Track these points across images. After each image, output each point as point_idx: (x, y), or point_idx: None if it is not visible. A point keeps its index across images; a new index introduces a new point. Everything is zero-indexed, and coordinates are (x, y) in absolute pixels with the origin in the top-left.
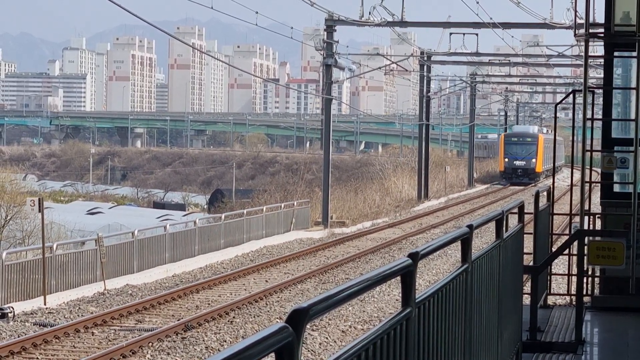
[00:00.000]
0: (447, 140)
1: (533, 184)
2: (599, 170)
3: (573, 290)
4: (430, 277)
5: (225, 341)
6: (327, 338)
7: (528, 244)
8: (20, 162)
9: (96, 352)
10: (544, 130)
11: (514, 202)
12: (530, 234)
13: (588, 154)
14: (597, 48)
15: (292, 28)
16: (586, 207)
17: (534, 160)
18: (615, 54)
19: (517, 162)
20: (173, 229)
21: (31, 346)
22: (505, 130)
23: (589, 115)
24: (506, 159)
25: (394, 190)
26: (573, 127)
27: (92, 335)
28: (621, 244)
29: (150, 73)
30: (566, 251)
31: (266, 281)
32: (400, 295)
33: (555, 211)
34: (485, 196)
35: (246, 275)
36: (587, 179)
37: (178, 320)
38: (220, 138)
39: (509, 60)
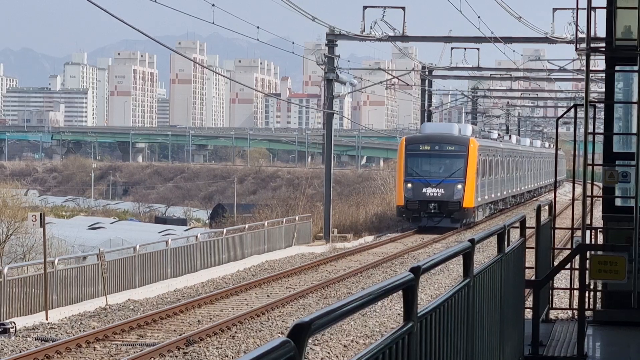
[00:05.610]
0: None
1: (459, 229)
2: (601, 184)
3: (575, 304)
4: (432, 292)
5: (227, 356)
6: (329, 353)
7: (530, 258)
8: (21, 177)
9: None
10: (494, 134)
11: (515, 217)
12: (532, 248)
13: (589, 168)
14: (599, 62)
15: (293, 43)
16: (588, 222)
17: (459, 185)
18: (617, 68)
19: (429, 191)
20: (175, 244)
21: None
22: None
23: (590, 130)
24: (409, 184)
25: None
26: (575, 141)
27: (94, 350)
28: (623, 258)
29: (152, 88)
30: (568, 265)
31: (268, 296)
32: (402, 309)
33: (556, 225)
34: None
35: (248, 290)
36: (588, 193)
37: (180, 335)
38: (221, 153)
39: (510, 75)
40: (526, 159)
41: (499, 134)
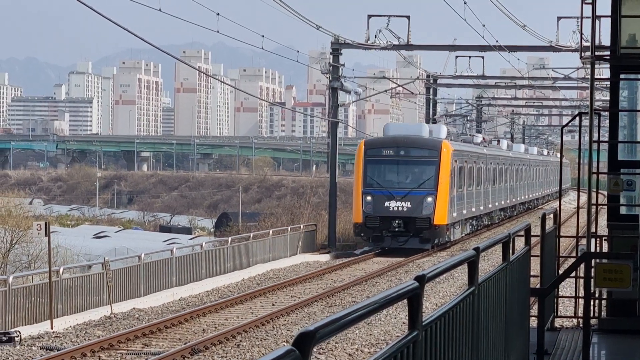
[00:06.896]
0: None
1: (430, 251)
2: (606, 192)
3: (580, 312)
4: (437, 300)
5: None
6: None
7: (535, 266)
8: (26, 186)
9: None
10: (477, 137)
11: (520, 225)
12: (537, 256)
13: (594, 176)
14: (603, 70)
15: (298, 52)
16: (593, 230)
17: (429, 198)
18: (621, 76)
19: (393, 204)
20: (179, 253)
21: None
22: None
23: (595, 138)
24: (368, 197)
25: None
26: (579, 149)
27: (99, 359)
28: (628, 267)
29: (157, 97)
30: (573, 273)
31: (273, 304)
32: (407, 318)
33: (561, 233)
34: None
35: (253, 298)
36: (593, 201)
37: (185, 343)
38: (226, 161)
39: (515, 83)
40: (520, 166)
41: (483, 138)
